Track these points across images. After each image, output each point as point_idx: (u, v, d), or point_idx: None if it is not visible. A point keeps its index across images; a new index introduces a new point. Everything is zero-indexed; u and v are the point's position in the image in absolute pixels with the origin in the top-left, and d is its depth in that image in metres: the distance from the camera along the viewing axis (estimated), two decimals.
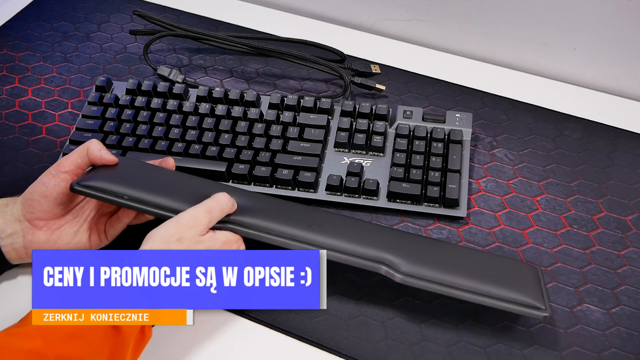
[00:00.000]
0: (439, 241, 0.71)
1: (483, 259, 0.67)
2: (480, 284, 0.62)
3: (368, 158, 0.78)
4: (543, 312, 0.61)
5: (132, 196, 0.65)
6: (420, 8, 0.94)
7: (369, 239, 0.66)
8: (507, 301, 0.61)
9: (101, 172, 0.67)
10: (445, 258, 0.65)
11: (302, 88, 0.89)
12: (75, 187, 0.65)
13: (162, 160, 0.72)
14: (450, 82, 0.89)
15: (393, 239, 0.67)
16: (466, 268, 0.64)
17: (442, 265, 0.64)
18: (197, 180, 0.69)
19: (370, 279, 0.69)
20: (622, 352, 0.64)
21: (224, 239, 0.63)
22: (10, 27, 0.99)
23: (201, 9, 1.01)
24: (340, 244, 0.64)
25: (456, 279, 0.63)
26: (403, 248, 0.65)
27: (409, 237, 0.68)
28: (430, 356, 0.64)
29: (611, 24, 0.85)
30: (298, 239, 0.64)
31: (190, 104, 0.82)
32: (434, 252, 0.66)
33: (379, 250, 0.64)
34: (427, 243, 0.68)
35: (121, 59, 0.93)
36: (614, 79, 0.90)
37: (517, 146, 0.82)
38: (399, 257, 0.64)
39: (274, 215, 0.66)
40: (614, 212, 0.75)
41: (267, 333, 0.66)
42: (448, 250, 0.68)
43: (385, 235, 0.67)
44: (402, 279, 0.63)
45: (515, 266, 0.66)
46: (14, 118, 0.86)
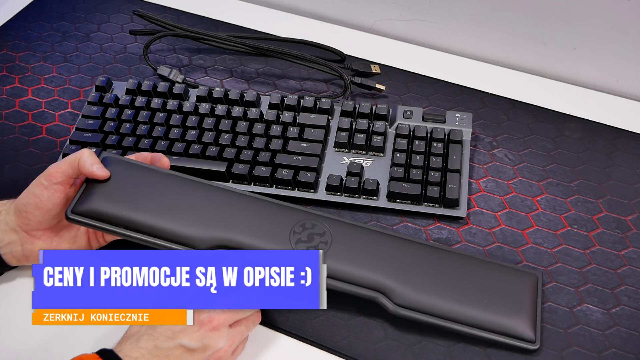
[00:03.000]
0: (435, 250, 0.67)
1: (480, 272, 0.66)
2: (472, 313, 0.63)
3: (368, 158, 0.78)
4: (532, 345, 0.63)
5: (132, 226, 0.65)
6: (420, 8, 0.94)
7: (364, 259, 0.65)
8: (499, 333, 0.63)
9: (96, 194, 0.65)
10: (439, 276, 0.65)
11: (302, 88, 0.89)
12: (70, 216, 0.65)
13: (155, 159, 0.70)
14: (450, 82, 0.89)
15: (387, 256, 0.66)
16: (460, 291, 0.64)
17: (435, 290, 0.64)
18: (198, 190, 0.68)
19: None
20: (622, 352, 0.64)
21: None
22: (10, 27, 0.99)
23: (201, 9, 1.01)
24: (334, 266, 0.64)
25: (449, 310, 0.63)
26: (397, 270, 0.65)
27: (403, 249, 0.67)
28: (430, 356, 0.64)
29: (611, 24, 0.85)
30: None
31: (190, 104, 0.82)
32: (428, 271, 0.65)
33: (374, 277, 0.64)
34: (422, 256, 0.67)
35: (121, 59, 0.93)
36: (614, 79, 0.90)
37: (517, 146, 0.82)
38: (394, 284, 0.64)
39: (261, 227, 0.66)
40: (614, 212, 0.75)
41: (267, 333, 0.66)
42: (443, 263, 0.66)
43: (380, 250, 0.66)
44: (394, 311, 0.64)
45: (513, 278, 0.66)
46: (14, 118, 0.86)
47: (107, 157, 0.69)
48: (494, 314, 0.63)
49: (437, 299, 0.64)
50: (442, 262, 0.66)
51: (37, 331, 0.65)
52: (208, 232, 0.65)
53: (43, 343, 0.66)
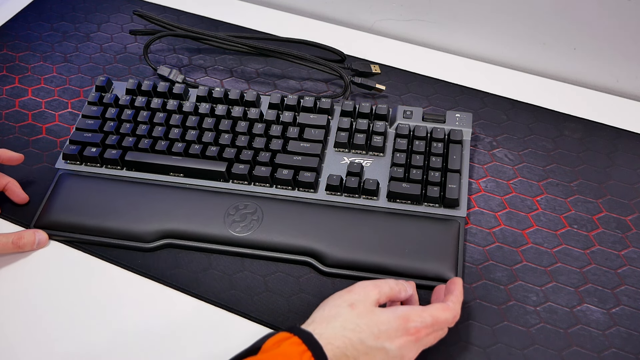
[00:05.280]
0: (359, 212, 0.73)
1: (402, 226, 0.71)
2: (396, 263, 0.69)
3: (368, 158, 0.78)
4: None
5: (85, 231, 0.74)
6: (420, 8, 0.94)
7: (293, 229, 0.72)
8: (422, 277, 0.68)
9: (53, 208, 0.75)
10: (363, 235, 0.71)
11: (302, 88, 0.89)
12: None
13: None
14: (450, 82, 0.89)
15: (314, 224, 0.72)
16: (384, 246, 0.70)
17: (360, 247, 0.70)
18: (138, 190, 0.76)
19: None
20: (622, 352, 0.64)
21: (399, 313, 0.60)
22: (10, 27, 0.99)
23: (201, 9, 1.01)
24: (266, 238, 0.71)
25: (373, 263, 0.69)
26: (324, 234, 0.71)
27: (329, 216, 0.73)
28: (431, 356, 0.64)
29: (611, 24, 0.85)
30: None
31: (190, 104, 0.82)
32: (352, 232, 0.71)
33: (303, 243, 0.71)
34: (347, 219, 0.72)
35: (121, 59, 0.93)
36: (614, 79, 0.90)
37: (517, 146, 0.82)
38: (322, 247, 0.70)
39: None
40: (614, 212, 0.75)
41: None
42: (367, 223, 0.72)
43: (307, 220, 0.72)
44: (324, 271, 0.70)
45: (434, 227, 0.71)
46: (14, 118, 0.86)
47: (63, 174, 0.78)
48: (415, 261, 0.69)
49: (362, 254, 0.70)
50: (366, 222, 0.72)
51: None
52: (152, 226, 0.72)
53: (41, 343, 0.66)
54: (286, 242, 0.71)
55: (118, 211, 0.74)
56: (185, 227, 0.72)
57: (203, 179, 0.77)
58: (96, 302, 0.69)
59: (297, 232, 0.71)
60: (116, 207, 0.74)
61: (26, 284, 0.70)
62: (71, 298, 0.69)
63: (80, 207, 0.74)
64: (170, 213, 0.73)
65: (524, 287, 0.69)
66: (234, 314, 0.68)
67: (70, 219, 0.73)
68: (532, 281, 0.69)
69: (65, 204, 0.75)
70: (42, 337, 0.66)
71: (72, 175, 0.78)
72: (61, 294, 0.69)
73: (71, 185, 0.76)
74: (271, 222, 0.72)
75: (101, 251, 0.72)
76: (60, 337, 0.66)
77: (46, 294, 0.69)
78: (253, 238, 0.71)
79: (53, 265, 0.72)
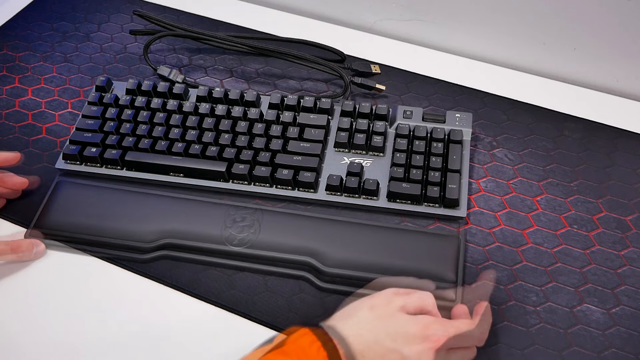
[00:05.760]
0: (358, 225, 0.72)
1: (401, 240, 0.71)
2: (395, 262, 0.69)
3: (368, 158, 0.78)
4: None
5: (88, 232, 0.73)
6: (420, 8, 0.94)
7: (290, 241, 0.71)
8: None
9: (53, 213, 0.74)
10: (362, 249, 0.70)
11: (302, 88, 0.89)
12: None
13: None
14: (450, 82, 0.89)
15: (312, 236, 0.71)
16: (383, 258, 0.69)
17: (360, 265, 0.69)
18: (139, 199, 0.76)
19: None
20: (622, 352, 0.64)
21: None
22: (10, 27, 0.99)
23: (201, 9, 1.01)
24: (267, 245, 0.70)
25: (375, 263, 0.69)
26: (322, 246, 0.70)
27: (327, 228, 0.72)
28: None
29: (611, 24, 0.85)
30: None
31: (190, 104, 0.82)
32: (351, 245, 0.70)
33: (299, 259, 0.70)
34: (345, 232, 0.72)
35: (121, 59, 0.93)
36: (614, 79, 0.90)
37: (517, 146, 0.81)
38: (322, 255, 0.69)
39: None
40: (614, 212, 0.75)
41: (268, 333, 0.66)
42: (366, 237, 0.71)
43: (304, 232, 0.72)
44: (327, 279, 0.69)
45: (435, 240, 0.70)
46: (14, 118, 0.86)
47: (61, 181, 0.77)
48: (415, 263, 0.68)
49: (362, 265, 0.68)
50: (365, 236, 0.71)
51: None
52: (149, 236, 0.72)
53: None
54: (283, 257, 0.70)
55: (116, 215, 0.73)
56: (182, 239, 0.71)
57: (203, 179, 0.77)
58: (96, 303, 0.69)
59: (295, 243, 0.70)
60: (114, 211, 0.74)
61: (26, 284, 0.70)
62: (71, 298, 0.69)
63: (79, 209, 0.74)
64: (168, 222, 0.72)
65: (524, 287, 0.69)
66: (234, 314, 0.68)
67: (70, 220, 0.73)
68: (532, 281, 0.69)
69: (64, 205, 0.74)
70: (42, 338, 0.66)
71: (71, 176, 0.78)
72: (61, 295, 0.69)
73: (70, 188, 0.76)
74: (268, 235, 0.71)
75: (101, 251, 0.72)
76: (60, 337, 0.66)
77: (46, 294, 0.69)
78: (249, 252, 0.70)
79: (52, 265, 0.72)
